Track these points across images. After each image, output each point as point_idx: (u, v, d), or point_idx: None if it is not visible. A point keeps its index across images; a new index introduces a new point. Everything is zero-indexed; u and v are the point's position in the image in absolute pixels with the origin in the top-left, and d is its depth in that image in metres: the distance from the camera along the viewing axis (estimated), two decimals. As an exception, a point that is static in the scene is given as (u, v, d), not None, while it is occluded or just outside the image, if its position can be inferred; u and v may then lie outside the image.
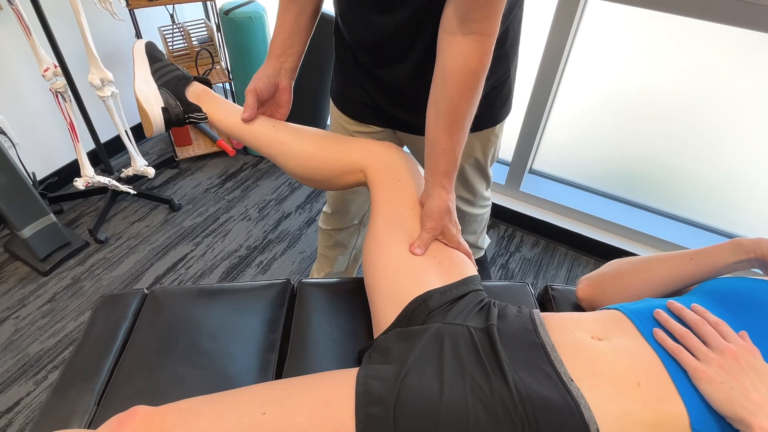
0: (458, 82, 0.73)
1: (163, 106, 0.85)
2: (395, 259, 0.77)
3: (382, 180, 0.86)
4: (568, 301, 0.90)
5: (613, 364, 0.60)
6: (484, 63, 0.73)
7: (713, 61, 1.39)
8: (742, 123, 1.45)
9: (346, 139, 0.92)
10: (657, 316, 0.63)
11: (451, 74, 0.73)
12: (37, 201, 1.61)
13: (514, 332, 0.66)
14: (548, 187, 1.88)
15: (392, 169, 0.87)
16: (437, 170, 0.79)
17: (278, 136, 0.89)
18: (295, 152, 0.88)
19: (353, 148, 0.89)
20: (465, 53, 0.72)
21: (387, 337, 0.70)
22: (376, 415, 0.56)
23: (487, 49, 0.72)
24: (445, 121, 0.76)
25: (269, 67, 0.90)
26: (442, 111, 0.76)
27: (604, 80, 1.58)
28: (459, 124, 0.76)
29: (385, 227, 0.81)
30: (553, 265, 1.80)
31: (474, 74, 0.73)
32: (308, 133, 0.91)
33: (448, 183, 0.79)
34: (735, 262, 0.70)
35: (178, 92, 0.87)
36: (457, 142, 0.78)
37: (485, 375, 0.60)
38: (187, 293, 0.91)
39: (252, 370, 0.79)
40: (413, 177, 0.87)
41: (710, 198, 1.64)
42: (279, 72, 0.90)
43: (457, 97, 0.74)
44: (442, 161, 0.78)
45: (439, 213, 0.78)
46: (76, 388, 0.77)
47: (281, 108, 0.94)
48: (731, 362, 0.55)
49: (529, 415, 0.55)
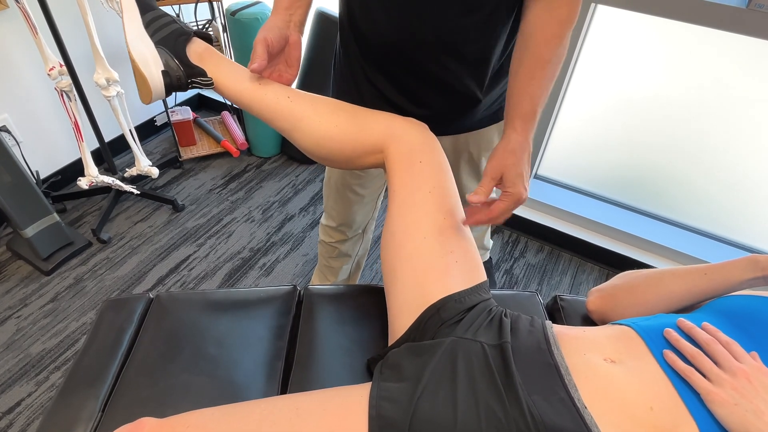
0: (543, 29, 0.75)
1: (163, 69, 0.75)
2: (411, 259, 0.74)
3: (401, 163, 0.79)
4: (578, 312, 0.89)
5: (625, 389, 0.58)
6: (570, 13, 0.75)
7: (722, 68, 1.38)
8: (752, 131, 1.44)
9: (367, 115, 0.84)
10: (667, 336, 0.62)
11: (535, 24, 0.75)
12: (40, 200, 1.60)
13: (527, 351, 0.65)
14: (553, 192, 1.87)
15: (413, 151, 0.80)
16: (513, 113, 0.77)
17: (294, 108, 0.80)
18: (313, 129, 0.80)
19: (375, 126, 0.82)
20: (550, 8, 0.73)
21: (399, 352, 0.69)
22: None
23: (575, 4, 0.74)
24: (526, 65, 0.76)
25: (278, 19, 0.81)
26: (523, 57, 0.76)
27: (610, 87, 1.57)
28: (542, 69, 0.76)
29: (400, 219, 0.77)
30: (557, 272, 1.79)
31: (560, 23, 0.75)
32: (327, 105, 0.83)
33: (520, 125, 0.76)
34: (750, 279, 0.69)
35: (178, 51, 0.77)
36: (538, 86, 0.76)
37: (500, 400, 0.58)
38: (193, 299, 0.90)
39: (258, 378, 0.78)
40: (435, 157, 0.80)
41: (718, 207, 1.63)
42: (288, 24, 0.82)
43: (542, 44, 0.75)
44: (518, 102, 0.77)
45: (503, 154, 0.75)
46: (81, 394, 0.77)
47: (291, 67, 0.84)
48: (744, 384, 0.54)
49: None
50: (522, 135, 0.75)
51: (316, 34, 1.81)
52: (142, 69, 0.74)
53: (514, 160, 0.74)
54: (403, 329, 0.72)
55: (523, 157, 0.75)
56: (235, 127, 2.27)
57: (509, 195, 0.74)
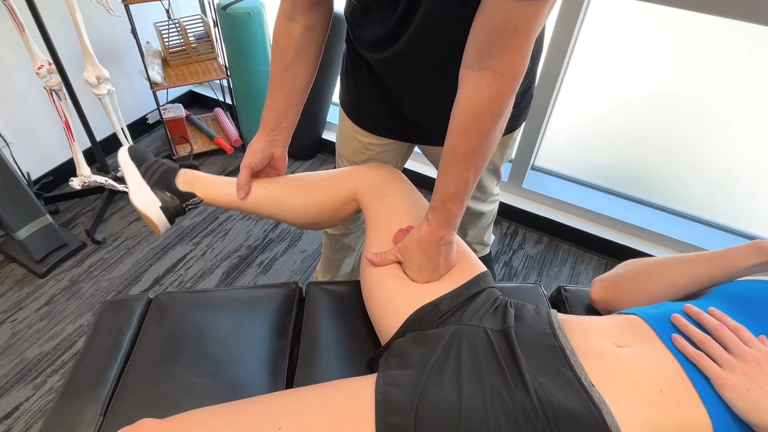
0: (460, 119, 0.66)
1: (161, 205, 0.87)
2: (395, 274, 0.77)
3: (371, 200, 0.88)
4: (581, 302, 0.89)
5: (634, 371, 0.58)
6: (493, 105, 0.64)
7: (720, 55, 1.38)
8: (751, 118, 1.44)
9: (333, 175, 0.94)
10: (675, 321, 0.62)
11: (456, 110, 0.67)
12: (32, 201, 1.57)
13: (532, 335, 0.65)
14: (551, 183, 1.87)
15: (379, 188, 0.88)
16: (430, 202, 0.75)
17: (272, 195, 0.92)
18: (291, 206, 0.91)
19: (341, 181, 0.92)
20: (473, 90, 0.64)
21: (403, 341, 0.69)
22: (397, 424, 0.55)
23: (500, 91, 0.63)
24: (444, 154, 0.70)
25: (262, 140, 0.91)
26: (445, 145, 0.70)
27: (606, 77, 1.57)
28: (455, 163, 0.69)
29: (374, 246, 0.82)
30: (556, 263, 1.79)
31: (478, 115, 0.65)
32: (297, 182, 0.93)
33: (432, 217, 0.73)
34: (755, 264, 0.68)
35: (170, 186, 0.89)
36: (452, 181, 0.70)
37: (504, 381, 0.59)
38: (193, 298, 0.89)
39: (262, 377, 0.77)
40: (401, 188, 0.88)
41: (716, 195, 1.63)
42: (272, 144, 0.92)
43: (458, 134, 0.67)
44: (434, 195, 0.73)
45: (409, 242, 0.75)
46: (81, 398, 0.75)
47: (278, 171, 0.96)
48: (755, 369, 0.54)
49: (550, 421, 0.54)
50: (432, 228, 0.73)
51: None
52: (145, 212, 0.86)
53: (416, 252, 0.74)
54: (395, 328, 0.73)
55: (429, 251, 0.74)
56: (229, 124, 2.24)
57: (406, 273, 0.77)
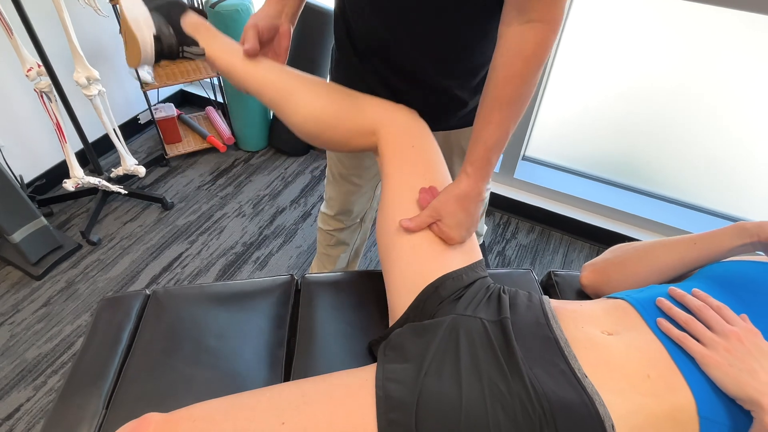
0: (505, 67, 0.68)
1: (155, 34, 0.74)
2: (408, 241, 0.75)
3: (395, 146, 0.80)
4: (572, 287, 0.91)
5: (623, 359, 0.60)
6: (540, 51, 0.67)
7: (707, 41, 1.40)
8: (736, 104, 1.46)
9: (361, 97, 0.85)
10: (660, 305, 0.64)
11: (498, 60, 0.69)
12: (26, 204, 1.58)
13: (527, 325, 0.66)
14: (542, 173, 1.89)
15: (406, 134, 0.81)
16: (468, 157, 0.74)
17: (288, 82, 0.81)
18: (307, 103, 0.80)
19: (369, 108, 0.83)
20: (518, 40, 0.67)
21: (401, 333, 0.70)
22: (398, 420, 0.56)
23: (545, 37, 0.67)
24: (485, 105, 0.72)
25: (270, 8, 0.82)
26: (485, 95, 0.71)
27: (595, 66, 1.58)
28: (500, 110, 0.70)
29: (395, 203, 0.77)
30: (549, 251, 1.81)
31: (524, 61, 0.67)
32: (320, 83, 0.83)
33: (472, 171, 0.74)
34: (738, 245, 0.70)
35: (173, 20, 0.77)
36: (495, 130, 0.71)
37: (502, 375, 0.60)
38: (190, 293, 0.90)
39: (261, 368, 0.79)
40: (428, 142, 0.82)
41: (703, 180, 1.66)
42: (281, 15, 0.82)
43: (502, 82, 0.69)
44: (473, 146, 0.74)
45: (447, 198, 0.74)
46: (83, 393, 0.76)
47: (279, 56, 0.86)
48: (737, 345, 0.56)
49: (546, 413, 0.56)
50: (473, 181, 0.74)
51: (301, 27, 1.80)
52: (135, 30, 0.73)
53: (455, 208, 0.73)
54: (402, 309, 0.73)
55: (468, 206, 0.74)
56: (221, 122, 2.25)
57: (442, 233, 0.74)
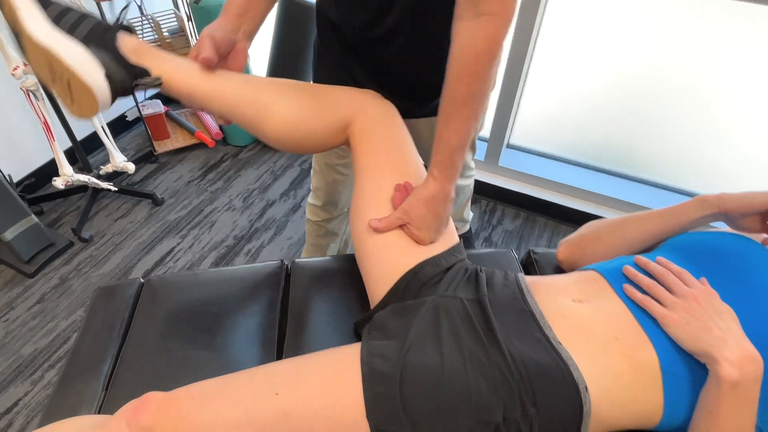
0: (458, 65, 0.68)
1: (105, 73, 0.61)
2: (384, 246, 0.77)
3: (366, 139, 0.80)
4: (551, 264, 0.95)
5: (593, 324, 0.65)
6: (490, 46, 0.66)
7: (687, 26, 1.44)
8: (716, 87, 1.51)
9: (329, 92, 0.83)
10: (626, 272, 0.69)
11: (452, 57, 0.68)
12: (16, 202, 1.59)
13: (503, 301, 0.70)
14: (526, 160, 1.93)
15: (377, 127, 0.81)
16: (433, 159, 0.75)
17: (255, 91, 0.75)
18: (284, 114, 0.76)
19: (339, 101, 0.81)
20: (470, 35, 0.66)
21: (384, 314, 0.72)
22: (383, 392, 0.59)
23: (495, 32, 0.65)
24: (443, 106, 0.71)
25: (227, 22, 0.75)
26: (443, 96, 0.71)
27: (575, 51, 1.62)
28: (457, 111, 0.70)
29: (368, 194, 0.79)
30: (534, 236, 1.86)
31: (476, 57, 0.66)
32: (286, 84, 0.79)
33: (438, 173, 0.74)
34: (701, 217, 0.74)
35: (112, 49, 0.63)
36: (455, 131, 0.71)
37: (481, 345, 0.63)
38: (184, 280, 0.93)
39: (254, 348, 0.82)
40: (398, 132, 0.83)
41: (685, 163, 1.71)
42: (237, 31, 0.76)
43: (454, 81, 0.69)
44: (436, 148, 0.74)
45: (416, 201, 0.75)
46: (82, 378, 0.79)
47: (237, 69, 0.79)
48: (694, 305, 0.61)
49: (524, 378, 0.59)
50: (439, 184, 0.74)
51: (285, 20, 1.81)
52: (83, 76, 0.59)
53: (424, 211, 0.74)
54: (382, 294, 0.76)
55: (436, 208, 0.74)
56: (208, 118, 2.26)
57: (412, 234, 0.76)
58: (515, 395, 0.59)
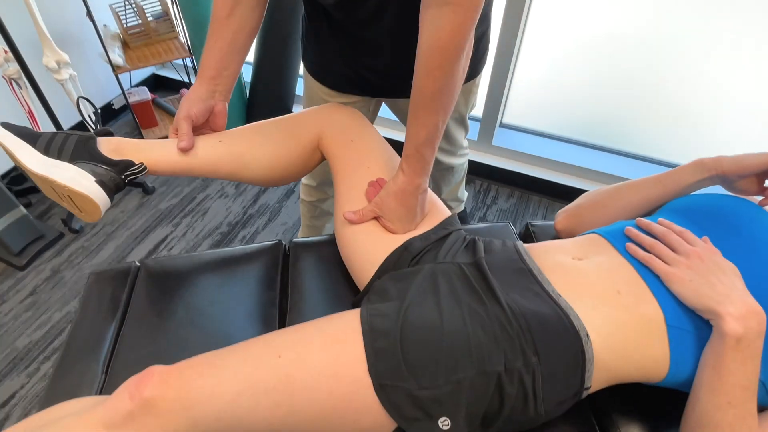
0: (425, 58, 0.66)
1: (96, 180, 0.70)
2: (366, 226, 0.79)
3: (336, 147, 0.84)
4: (548, 235, 0.95)
5: (594, 278, 0.65)
6: (455, 38, 0.64)
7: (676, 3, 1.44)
8: (700, 63, 1.51)
9: (296, 118, 0.87)
10: (628, 233, 0.69)
11: (420, 50, 0.67)
12: (4, 195, 1.56)
13: (501, 262, 0.71)
14: (519, 139, 1.93)
15: (344, 132, 0.84)
16: (403, 152, 0.75)
17: (231, 149, 0.82)
18: (258, 160, 0.82)
19: (307, 124, 0.86)
20: (433, 28, 0.64)
21: (382, 281, 0.73)
22: (384, 348, 0.59)
23: (461, 23, 0.63)
24: (411, 100, 0.71)
25: (202, 90, 0.82)
26: (412, 90, 0.70)
27: (565, 30, 1.61)
28: (424, 106, 0.69)
29: (345, 198, 0.82)
30: (528, 214, 1.86)
31: (441, 51, 0.65)
32: (257, 131, 0.85)
33: (406, 167, 0.74)
34: (698, 180, 0.75)
35: (96, 156, 0.72)
36: (422, 126, 0.71)
37: (480, 300, 0.64)
38: (180, 262, 0.92)
39: (255, 326, 0.82)
40: (365, 132, 0.85)
41: (677, 137, 1.71)
42: (213, 95, 0.83)
43: (423, 75, 0.67)
44: (406, 143, 0.74)
45: (386, 194, 0.76)
46: (81, 361, 0.78)
47: (216, 131, 0.87)
48: (697, 262, 0.61)
49: (523, 328, 0.60)
50: (408, 178, 0.74)
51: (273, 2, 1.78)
52: (79, 189, 0.69)
53: (395, 204, 0.75)
54: (369, 276, 0.77)
55: (407, 201, 0.75)
56: (197, 105, 2.22)
57: (386, 226, 0.78)
58: (516, 345, 0.59)
